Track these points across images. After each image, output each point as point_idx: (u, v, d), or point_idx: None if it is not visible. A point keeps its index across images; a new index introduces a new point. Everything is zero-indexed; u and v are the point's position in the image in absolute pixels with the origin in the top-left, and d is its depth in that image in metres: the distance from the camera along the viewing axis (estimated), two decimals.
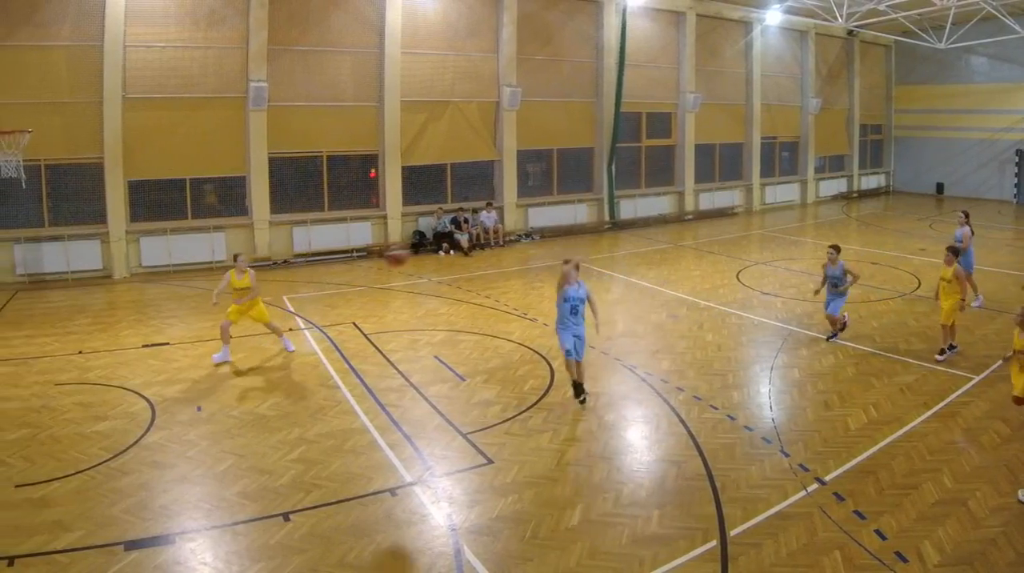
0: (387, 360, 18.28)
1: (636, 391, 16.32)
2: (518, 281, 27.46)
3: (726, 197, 45.36)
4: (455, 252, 32.95)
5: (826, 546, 10.23)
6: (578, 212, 39.02)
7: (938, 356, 17.84)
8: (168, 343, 19.87)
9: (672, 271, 28.53)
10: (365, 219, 32.93)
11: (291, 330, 20.94)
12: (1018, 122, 47.16)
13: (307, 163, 32.13)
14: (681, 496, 11.72)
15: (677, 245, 34.67)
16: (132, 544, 10.38)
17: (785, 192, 48.91)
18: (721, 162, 45.49)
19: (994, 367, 16.74)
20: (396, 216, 33.26)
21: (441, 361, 18.02)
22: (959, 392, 15.90)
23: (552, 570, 9.92)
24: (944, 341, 18.04)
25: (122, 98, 27.57)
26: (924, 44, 46.94)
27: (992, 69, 48.50)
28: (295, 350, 18.93)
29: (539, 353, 18.71)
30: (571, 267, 14.94)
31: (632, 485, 12.16)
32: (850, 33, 49.37)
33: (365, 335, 20.37)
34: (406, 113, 33.01)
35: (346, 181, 33.35)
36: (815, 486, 11.90)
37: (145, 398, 15.88)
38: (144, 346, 19.60)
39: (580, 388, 15.32)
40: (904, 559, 9.88)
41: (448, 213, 34.01)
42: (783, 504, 11.36)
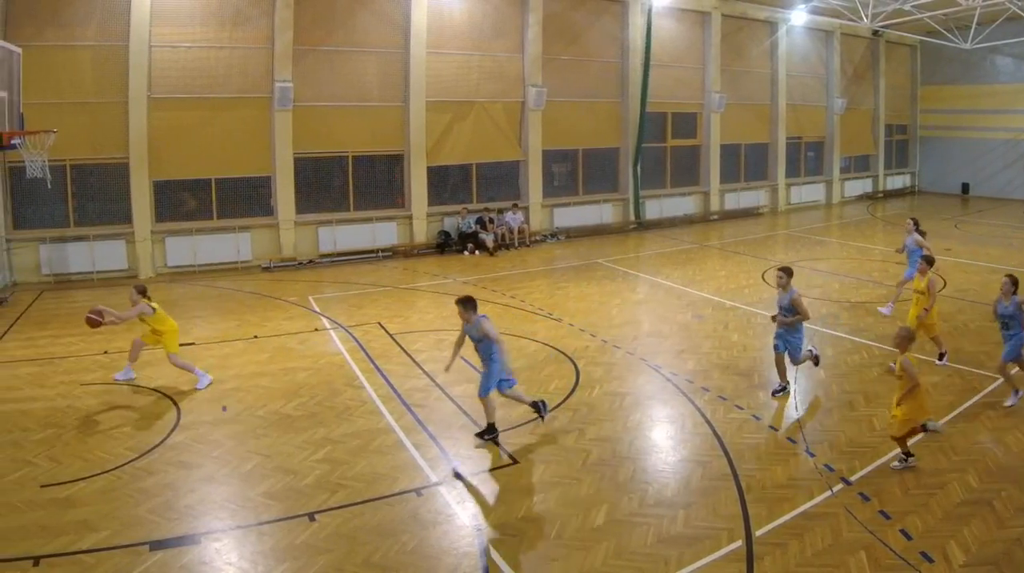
0: (412, 360, 18.26)
1: (661, 391, 16.26)
2: (543, 281, 27.43)
3: (751, 197, 45.23)
4: (480, 252, 32.93)
5: (851, 546, 10.17)
6: (603, 212, 38.96)
7: (937, 361, 17.58)
8: (193, 343, 19.88)
9: (697, 271, 28.43)
10: (390, 219, 32.95)
11: (316, 330, 20.95)
12: None
13: (332, 163, 32.20)
14: (706, 496, 11.67)
15: (702, 245, 34.56)
16: (157, 544, 10.38)
17: (810, 192, 48.75)
18: (746, 162, 45.35)
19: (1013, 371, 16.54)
20: (421, 216, 33.26)
21: (466, 361, 17.88)
22: (984, 392, 15.78)
23: (577, 570, 9.88)
24: (940, 346, 17.73)
25: (147, 98, 27.67)
26: (949, 44, 46.68)
27: (1018, 69, 48.19)
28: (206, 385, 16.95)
29: (564, 353, 18.66)
30: (458, 305, 14.19)
31: (657, 485, 12.12)
32: (875, 33, 49.12)
33: (390, 335, 20.36)
34: (431, 113, 33.00)
35: (371, 181, 33.36)
36: (840, 486, 11.83)
37: (170, 398, 15.93)
38: None
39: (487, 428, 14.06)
40: (930, 559, 9.82)
41: (473, 213, 33.98)
42: (808, 504, 11.31)
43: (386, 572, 9.89)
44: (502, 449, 13.36)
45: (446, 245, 33.52)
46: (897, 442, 12.38)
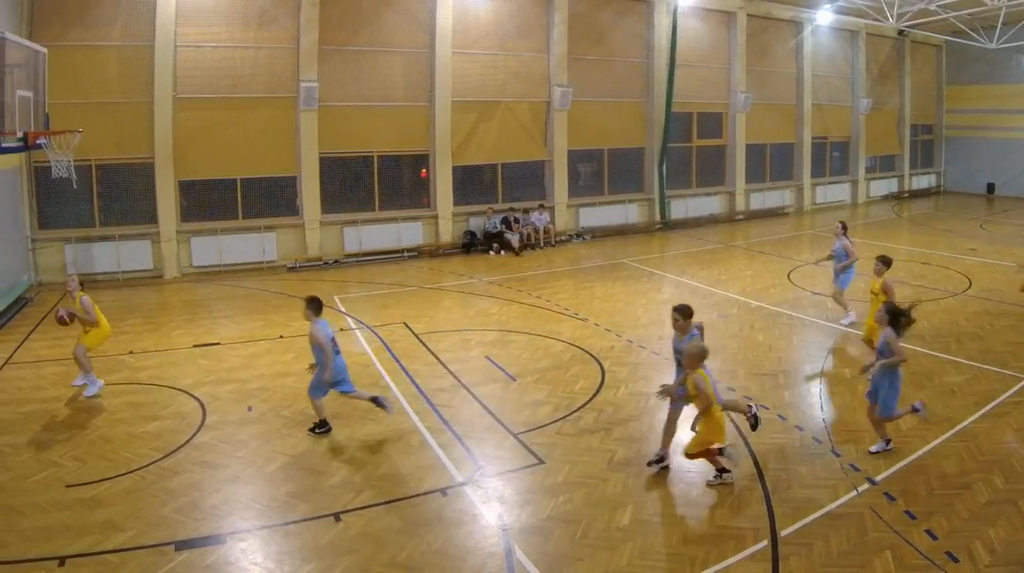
0: (438, 360, 18.22)
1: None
2: (569, 281, 27.37)
3: (777, 197, 45.04)
4: (506, 252, 32.89)
5: (877, 546, 10.11)
6: (629, 212, 38.87)
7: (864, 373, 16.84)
8: (219, 343, 19.93)
9: (723, 271, 28.33)
10: (416, 219, 32.94)
11: (342, 330, 20.96)
12: None
13: (358, 163, 32.22)
14: (732, 496, 11.63)
15: (728, 245, 34.44)
16: (183, 544, 10.38)
17: (836, 192, 48.50)
18: (772, 162, 45.16)
19: None
20: (447, 216, 33.25)
21: (492, 361, 17.94)
22: (1010, 392, 15.66)
23: (603, 570, 9.85)
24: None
25: (173, 98, 27.74)
26: (975, 44, 46.39)
27: None
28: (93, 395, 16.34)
29: (590, 353, 18.58)
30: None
31: (683, 485, 12.09)
32: (901, 33, 48.82)
33: (416, 335, 20.34)
34: (457, 113, 32.98)
35: (397, 181, 33.40)
36: (866, 486, 11.76)
37: (196, 398, 15.93)
38: (195, 346, 19.67)
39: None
40: (955, 559, 9.76)
41: (498, 213, 33.95)
42: (834, 504, 11.25)
43: (411, 572, 9.86)
44: (528, 449, 13.30)
45: (472, 245, 33.50)
46: (693, 457, 11.96)
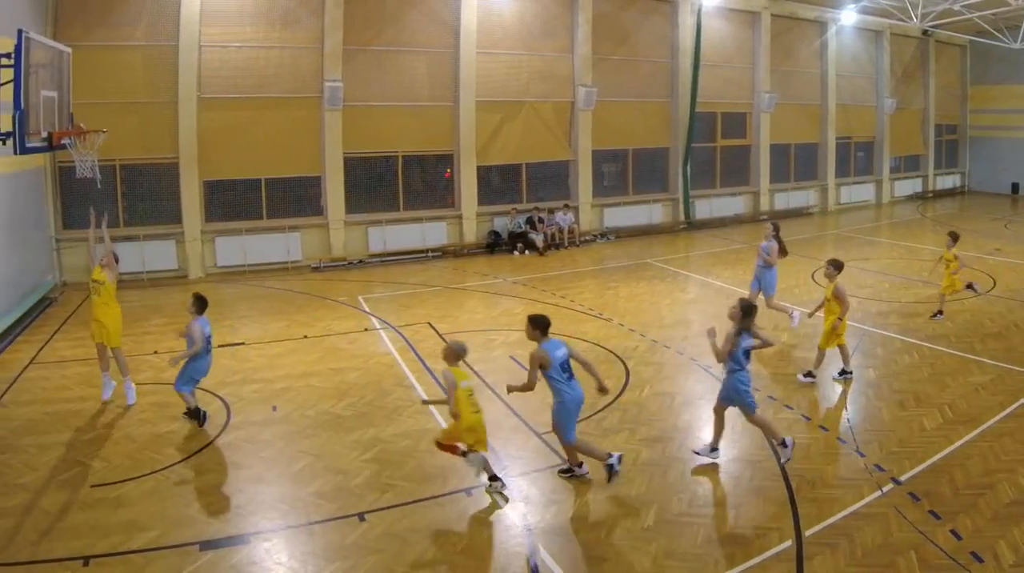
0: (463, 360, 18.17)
1: (711, 391, 16.01)
2: (593, 281, 27.32)
3: (801, 197, 44.92)
4: (530, 252, 32.89)
5: (901, 546, 10.06)
6: (653, 212, 38.82)
7: (801, 376, 16.76)
8: (243, 343, 19.97)
9: (747, 271, 28.03)
10: (440, 219, 32.97)
11: (366, 330, 20.95)
12: None
13: (382, 163, 32.28)
14: (756, 496, 11.60)
15: (752, 245, 34.04)
16: (207, 544, 10.38)
17: (860, 192, 48.35)
18: (796, 162, 45.02)
19: None
20: (471, 216, 33.27)
21: (516, 361, 17.91)
22: None
23: (627, 570, 9.82)
24: (816, 363, 16.74)
25: (197, 98, 27.85)
26: (999, 44, 46.29)
27: None
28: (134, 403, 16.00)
29: (615, 353, 18.54)
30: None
31: (707, 485, 12.08)
32: (925, 33, 48.67)
33: (440, 335, 20.29)
34: (481, 113, 33.02)
35: (421, 181, 33.44)
36: (890, 486, 11.69)
37: (220, 398, 15.97)
38: (219, 346, 19.62)
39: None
40: (979, 559, 9.70)
41: (523, 213, 33.92)
42: (858, 504, 11.19)
43: (436, 572, 9.84)
44: (552, 449, 13.24)
45: (496, 245, 33.50)
46: (439, 446, 11.91)
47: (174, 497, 11.72)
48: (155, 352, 19.12)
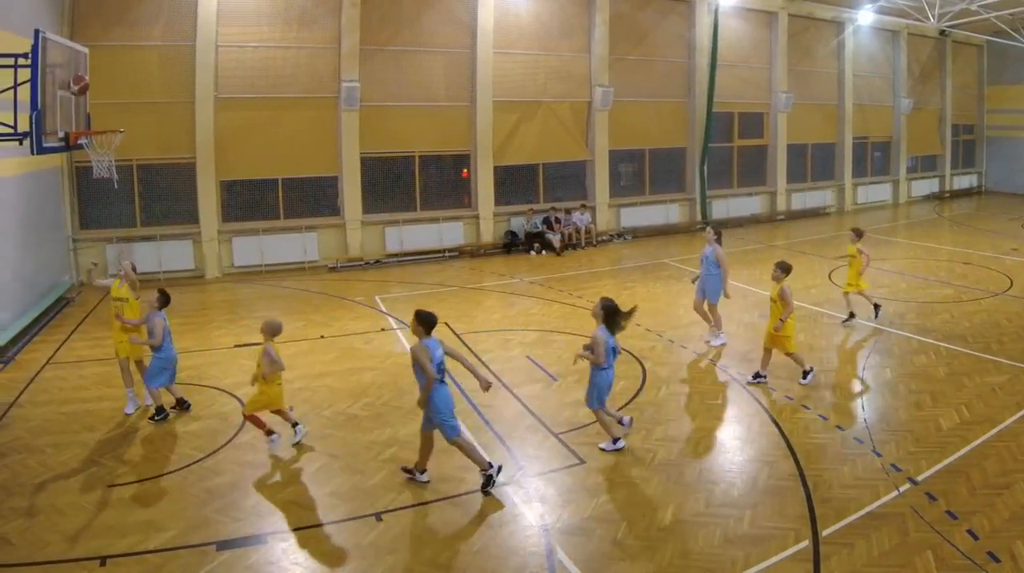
0: (479, 360, 18.11)
1: (728, 391, 16.12)
2: (610, 281, 27.25)
3: (818, 197, 44.83)
4: (547, 252, 32.85)
5: (918, 546, 10.04)
6: (670, 212, 38.76)
7: (751, 377, 16.63)
8: (260, 343, 19.93)
9: (764, 271, 27.95)
10: (457, 219, 32.98)
11: (383, 330, 20.95)
12: None
13: (399, 163, 32.26)
14: (773, 496, 11.55)
15: (768, 245, 34.23)
16: (224, 544, 10.38)
17: (877, 192, 48.25)
18: (813, 162, 44.98)
19: None
20: (488, 216, 33.24)
21: (533, 361, 17.89)
22: None
23: (644, 570, 9.80)
24: (801, 364, 16.54)
25: (214, 98, 27.93)
26: (1016, 44, 46.09)
27: None
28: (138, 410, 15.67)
29: (631, 353, 18.44)
30: None
31: (724, 485, 12.02)
32: (942, 33, 48.46)
33: (457, 335, 20.28)
34: (498, 113, 33.00)
35: (438, 181, 33.47)
36: (907, 486, 11.67)
37: (237, 398, 15.94)
38: (236, 346, 19.70)
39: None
40: (996, 559, 9.68)
41: (539, 213, 33.90)
42: (875, 504, 11.17)
43: (452, 572, 9.83)
44: (569, 449, 13.24)
45: (513, 245, 33.47)
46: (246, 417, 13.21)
47: (191, 497, 11.71)
48: None
